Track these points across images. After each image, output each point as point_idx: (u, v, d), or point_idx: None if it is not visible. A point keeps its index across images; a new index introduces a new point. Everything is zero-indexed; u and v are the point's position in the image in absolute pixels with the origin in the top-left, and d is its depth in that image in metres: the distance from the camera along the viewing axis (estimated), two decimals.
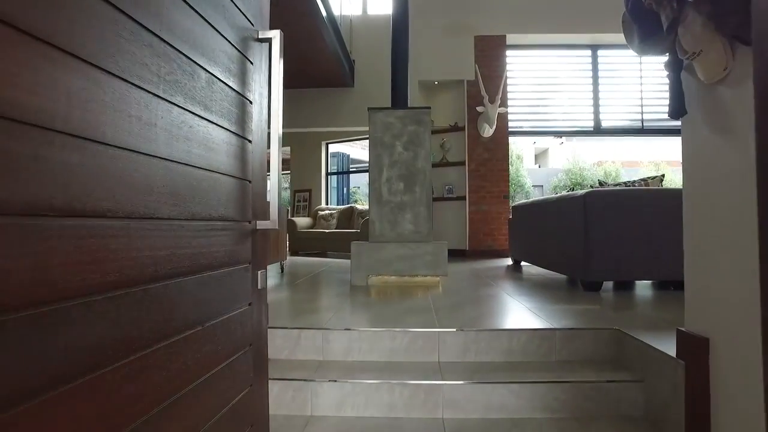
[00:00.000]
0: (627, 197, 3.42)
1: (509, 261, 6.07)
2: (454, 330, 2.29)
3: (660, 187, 3.52)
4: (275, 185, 1.32)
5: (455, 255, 6.96)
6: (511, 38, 7.19)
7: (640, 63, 7.40)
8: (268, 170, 1.42)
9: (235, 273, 1.18)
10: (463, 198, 7.11)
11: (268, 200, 1.40)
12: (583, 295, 3.30)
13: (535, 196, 19.31)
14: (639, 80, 7.40)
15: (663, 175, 3.73)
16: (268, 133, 1.44)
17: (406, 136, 4.05)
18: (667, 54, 1.66)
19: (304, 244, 7.79)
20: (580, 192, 3.52)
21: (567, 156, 20.23)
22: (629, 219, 3.37)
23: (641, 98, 7.39)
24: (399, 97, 4.52)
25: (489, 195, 7.06)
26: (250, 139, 1.30)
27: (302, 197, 9.52)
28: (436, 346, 2.27)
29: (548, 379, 2.01)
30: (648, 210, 3.38)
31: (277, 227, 1.31)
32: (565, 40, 7.28)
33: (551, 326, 2.33)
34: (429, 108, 4.10)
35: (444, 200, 7.21)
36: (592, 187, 3.97)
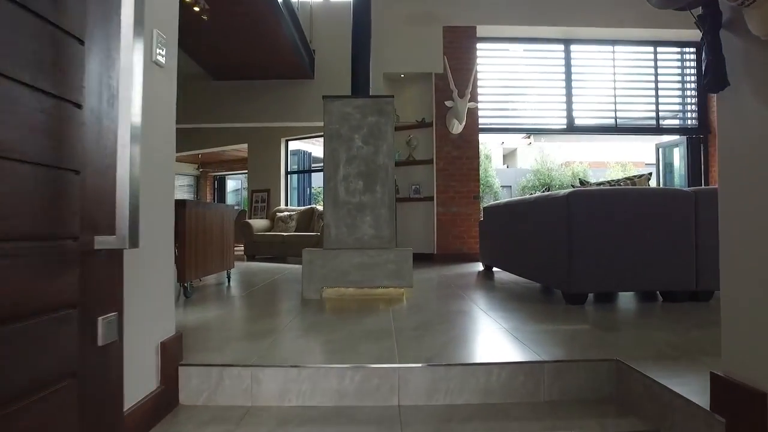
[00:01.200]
0: (615, 198, 3.03)
1: (480, 266, 5.67)
2: (420, 366, 1.82)
3: (649, 187, 3.15)
4: (125, 179, 0.81)
5: (422, 259, 6.53)
6: (481, 30, 6.81)
7: (614, 59, 7.14)
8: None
9: (34, 329, 0.67)
10: (431, 198, 6.69)
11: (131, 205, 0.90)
12: (567, 310, 2.89)
13: (504, 196, 19.17)
14: (612, 76, 7.14)
15: (650, 174, 3.38)
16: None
17: (366, 129, 3.57)
18: (700, 7, 1.24)
19: (262, 248, 7.22)
20: (562, 192, 3.12)
21: (535, 156, 20.17)
22: (617, 222, 2.99)
23: (614, 95, 7.14)
24: (360, 86, 4.05)
25: (458, 195, 6.66)
26: (78, 102, 0.79)
27: (260, 198, 8.92)
28: (396, 385, 1.80)
29: (537, 430, 1.57)
30: (638, 212, 3.00)
31: (128, 246, 0.80)
32: (538, 34, 6.95)
33: (538, 358, 1.89)
34: (392, 97, 3.63)
35: (410, 201, 6.77)
36: (573, 186, 3.59)
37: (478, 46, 6.90)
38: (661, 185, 8.20)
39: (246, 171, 10.90)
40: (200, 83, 7.18)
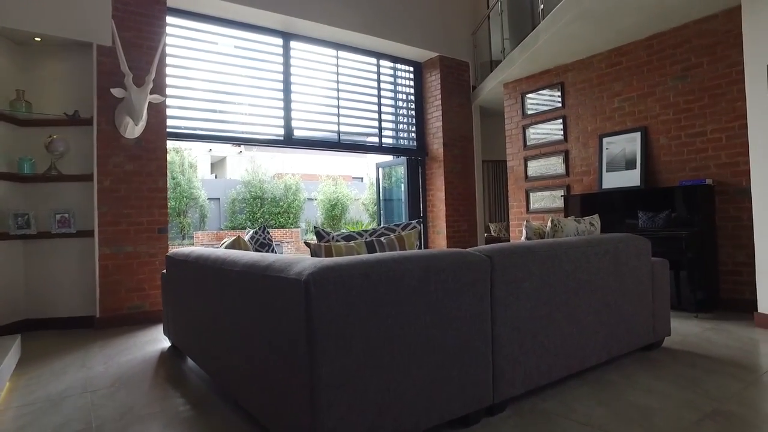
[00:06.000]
0: (389, 279, 1.71)
1: (166, 341, 3.79)
2: None
3: (432, 250, 1.94)
4: None
5: (76, 326, 4.28)
6: None
7: (338, 66, 6.22)
8: None
9: None
10: (90, 234, 4.41)
11: None
12: None
13: (212, 211, 17.09)
14: (336, 85, 6.20)
15: (420, 221, 2.25)
16: None
17: None
18: None
19: None
20: (294, 269, 1.65)
21: (246, 167, 18.76)
22: (384, 322, 1.71)
23: (338, 106, 6.22)
24: None
25: (136, 228, 4.58)
26: None
27: None
28: None
29: None
30: (418, 295, 1.78)
31: None
32: (251, 18, 5.44)
33: None
34: None
35: (54, 237, 4.34)
36: (308, 244, 2.18)
37: (169, 19, 4.99)
38: (382, 205, 7.75)
39: None
40: None
